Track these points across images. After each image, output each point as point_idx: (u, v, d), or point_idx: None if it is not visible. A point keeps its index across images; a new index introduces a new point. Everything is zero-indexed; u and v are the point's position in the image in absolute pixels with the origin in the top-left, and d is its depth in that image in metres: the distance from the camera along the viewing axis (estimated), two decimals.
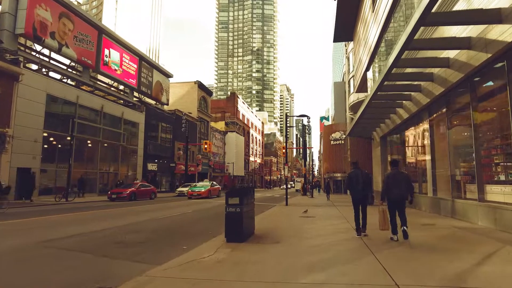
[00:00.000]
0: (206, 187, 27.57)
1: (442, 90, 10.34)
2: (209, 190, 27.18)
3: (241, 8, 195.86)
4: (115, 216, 12.70)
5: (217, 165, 57.58)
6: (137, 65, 34.68)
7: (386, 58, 16.86)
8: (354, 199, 7.39)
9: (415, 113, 13.57)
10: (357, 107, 37.65)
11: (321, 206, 17.80)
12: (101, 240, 7.53)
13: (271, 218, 11.27)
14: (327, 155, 46.42)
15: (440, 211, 11.26)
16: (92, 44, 27.57)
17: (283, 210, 15.23)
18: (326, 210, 14.95)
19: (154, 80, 38.17)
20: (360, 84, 29.80)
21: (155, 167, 36.59)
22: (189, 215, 13.20)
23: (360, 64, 27.93)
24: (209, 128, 53.97)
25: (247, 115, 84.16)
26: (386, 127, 18.78)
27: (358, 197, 7.33)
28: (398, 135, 18.11)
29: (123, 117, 30.99)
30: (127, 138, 31.76)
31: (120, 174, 30.75)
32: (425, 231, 7.85)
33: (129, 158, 32.73)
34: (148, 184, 25.65)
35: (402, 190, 6.51)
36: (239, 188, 8.20)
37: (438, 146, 12.06)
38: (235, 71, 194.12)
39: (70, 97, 24.73)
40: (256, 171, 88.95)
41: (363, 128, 22.33)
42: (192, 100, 49.11)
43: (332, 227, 8.98)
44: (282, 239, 6.94)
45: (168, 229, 9.42)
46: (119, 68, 31.44)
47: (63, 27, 24.35)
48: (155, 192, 25.61)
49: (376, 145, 22.63)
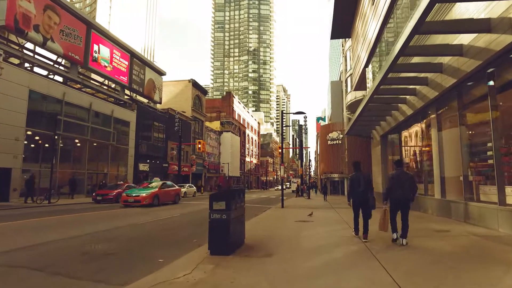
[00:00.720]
0: (151, 189, 18.72)
1: (454, 82, 9.37)
2: (154, 195, 17.93)
3: (237, 8, 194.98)
4: (94, 220, 11.59)
5: (212, 166, 56.46)
6: (129, 62, 33.52)
7: (386, 52, 15.93)
8: (354, 202, 7.17)
9: (420, 109, 12.61)
10: (355, 106, 36.85)
11: (319, 208, 16.79)
12: (64, 251, 6.43)
13: (265, 223, 10.24)
14: (324, 155, 45.48)
15: (450, 214, 10.28)
16: (80, 39, 26.39)
17: (278, 213, 14.20)
18: (325, 213, 13.94)
19: (146, 77, 37.00)
20: (358, 82, 28.93)
21: (147, 168, 35.43)
22: (176, 219, 12.11)
23: (358, 61, 27.04)
24: (204, 128, 52.85)
25: (243, 115, 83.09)
26: (387, 125, 17.82)
27: (359, 201, 7.08)
28: (400, 133, 17.16)
29: (113, 115, 29.80)
30: (118, 137, 30.58)
31: (110, 175, 29.57)
32: (441, 240, 6.84)
33: (119, 158, 31.55)
34: (134, 185, 24.30)
35: (406, 191, 6.28)
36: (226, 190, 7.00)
37: (447, 143, 11.09)
38: (231, 71, 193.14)
39: (56, 93, 23.53)
40: (252, 171, 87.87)
41: (363, 127, 21.39)
42: (186, 99, 47.95)
43: (333, 234, 7.95)
44: (276, 251, 5.90)
45: (148, 236, 8.35)
46: (109, 64, 30.26)
47: (48, 20, 23.16)
48: None
49: (375, 144, 21.69)
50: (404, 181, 6.34)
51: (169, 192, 20.14)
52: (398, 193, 6.30)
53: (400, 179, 6.35)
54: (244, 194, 6.88)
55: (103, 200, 19.99)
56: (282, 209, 16.10)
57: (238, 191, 6.47)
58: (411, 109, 13.42)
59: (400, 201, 6.32)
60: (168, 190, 20.08)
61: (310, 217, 11.95)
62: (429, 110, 12.25)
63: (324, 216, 12.19)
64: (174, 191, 20.82)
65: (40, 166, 22.09)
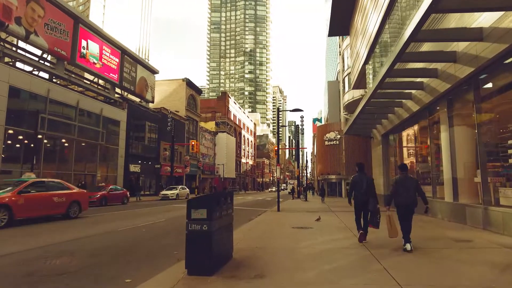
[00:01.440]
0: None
1: (470, 72, 8.34)
2: None
3: (234, 8, 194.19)
4: (61, 228, 10.40)
5: (206, 167, 55.24)
6: (119, 59, 32.30)
7: (390, 44, 14.92)
8: (356, 204, 7.07)
9: (428, 104, 11.58)
10: (352, 106, 35.91)
11: (317, 212, 15.70)
12: (6, 269, 5.27)
13: (259, 230, 9.12)
14: (321, 156, 44.45)
15: (465, 220, 9.22)
16: (67, 33, 25.16)
17: (274, 217, 13.09)
18: (325, 218, 12.85)
19: (138, 76, 35.78)
20: (357, 79, 27.98)
21: (138, 169, 34.17)
22: (159, 225, 10.94)
23: (357, 58, 26.10)
24: (199, 128, 51.66)
25: (238, 116, 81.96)
26: (389, 123, 16.79)
27: (360, 203, 6.99)
28: (403, 131, 16.13)
29: (102, 114, 28.54)
30: (107, 137, 29.32)
31: (98, 176, 28.31)
32: (467, 253, 5.76)
33: (109, 158, 30.29)
34: (120, 187, 22.96)
35: (410, 196, 6.13)
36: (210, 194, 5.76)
37: (460, 141, 10.05)
38: (227, 72, 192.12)
39: (39, 90, 22.26)
40: (248, 173, 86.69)
41: (363, 125, 20.38)
42: (179, 98, 46.75)
43: (338, 246, 6.85)
44: (269, 270, 4.78)
45: (121, 247, 7.19)
46: (98, 61, 29.03)
47: (31, 13, 21.93)
48: (127, 196, 22.54)
49: (376, 144, 20.67)
50: (409, 186, 6.17)
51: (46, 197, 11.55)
52: (402, 198, 6.14)
53: (405, 184, 6.18)
54: (232, 198, 5.77)
55: None
56: (278, 213, 14.99)
57: (224, 195, 5.36)
58: (418, 104, 12.39)
59: (404, 206, 6.14)
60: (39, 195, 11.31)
61: (314, 222, 10.86)
62: (439, 105, 11.21)
63: (325, 222, 11.10)
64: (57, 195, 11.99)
65: (22, 167, 20.81)
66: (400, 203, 6.16)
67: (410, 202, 6.11)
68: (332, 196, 38.68)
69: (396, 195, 6.22)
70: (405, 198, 6.10)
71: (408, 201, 6.10)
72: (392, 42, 14.51)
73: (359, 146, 39.46)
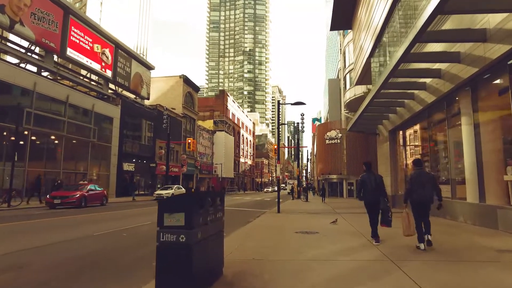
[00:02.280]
0: None
1: (504, 52, 7.12)
2: None
3: (233, 7, 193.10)
4: (31, 231, 9.14)
5: (204, 166, 53.96)
6: (113, 54, 31.03)
7: (400, 33, 13.70)
8: (367, 204, 6.88)
9: (446, 94, 10.35)
10: (354, 104, 34.77)
11: (321, 213, 14.47)
12: None
13: (257, 236, 7.87)
14: (322, 155, 43.24)
15: (496, 224, 7.99)
16: (56, 24, 23.88)
17: (274, 220, 11.85)
18: (329, 219, 11.62)
19: (133, 71, 34.52)
20: (360, 75, 26.79)
21: (133, 167, 32.89)
22: (143, 229, 9.64)
23: (361, 52, 24.94)
24: (196, 127, 50.37)
25: (237, 115, 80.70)
26: (399, 118, 15.56)
27: (371, 202, 6.75)
28: (415, 126, 14.89)
29: (94, 110, 27.27)
30: (99, 134, 28.03)
31: (90, 174, 27.03)
32: None
33: (102, 156, 29.00)
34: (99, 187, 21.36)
35: (427, 192, 5.89)
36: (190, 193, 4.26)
37: (487, 135, 8.82)
38: (226, 71, 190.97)
39: (25, 83, 21.01)
40: (246, 172, 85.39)
41: (368, 121, 19.15)
42: (176, 96, 45.46)
43: (354, 255, 5.62)
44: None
45: (90, 257, 5.94)
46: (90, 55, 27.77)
47: (17, 1, 20.65)
48: (106, 196, 20.61)
49: (382, 141, 19.44)
50: (425, 182, 5.92)
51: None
52: (418, 194, 5.89)
53: (420, 180, 5.95)
54: (223, 199, 4.53)
55: (63, 204, 16.40)
56: (279, 215, 13.75)
57: (210, 195, 4.12)
58: (433, 95, 11.16)
59: (421, 202, 5.91)
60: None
61: (319, 225, 9.62)
62: (460, 94, 9.98)
63: (330, 225, 9.87)
64: None
65: (4, 165, 19.54)
66: (416, 200, 5.91)
67: (426, 199, 5.86)
68: (333, 197, 37.47)
69: (412, 191, 5.96)
70: (421, 195, 5.86)
71: (424, 197, 5.85)
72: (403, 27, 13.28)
73: (361, 145, 38.26)
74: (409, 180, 6.17)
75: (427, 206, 5.92)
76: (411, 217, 5.97)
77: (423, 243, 5.74)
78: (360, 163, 40.17)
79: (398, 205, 15.79)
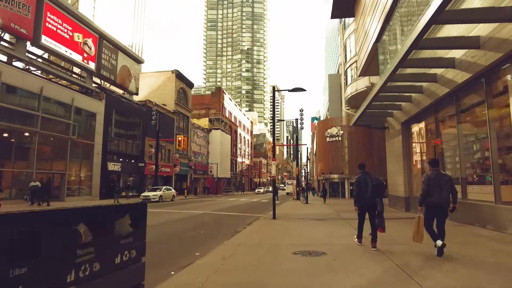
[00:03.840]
0: None
1: None
2: None
3: (230, 6, 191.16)
4: None
5: (199, 166, 51.56)
6: (96, 45, 28.64)
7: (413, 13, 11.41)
8: (361, 207, 6.44)
9: (487, 68, 8.06)
10: (356, 99, 32.48)
11: (323, 219, 12.15)
12: None
13: (237, 263, 5.50)
14: (322, 154, 40.92)
15: None
16: (28, 8, 21.48)
17: (267, 230, 9.52)
18: (336, 229, 9.30)
19: (119, 64, 32.11)
20: (364, 65, 24.56)
21: (119, 167, 30.49)
22: None
23: (366, 39, 22.69)
24: (190, 125, 47.98)
25: (234, 113, 78.33)
26: (414, 106, 13.27)
27: (367, 205, 6.36)
28: (437, 115, 12.58)
29: (73, 104, 24.87)
30: (80, 131, 25.63)
31: (68, 175, 24.64)
32: None
33: (83, 155, 26.62)
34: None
35: (444, 196, 5.49)
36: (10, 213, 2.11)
37: None
38: (224, 70, 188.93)
39: None
40: (244, 172, 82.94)
41: (377, 111, 16.88)
42: (168, 92, 43.08)
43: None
44: None
45: None
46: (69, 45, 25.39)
47: None
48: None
49: (393, 135, 17.11)
50: (442, 184, 5.54)
51: None
52: (435, 198, 5.52)
53: (438, 182, 5.56)
54: (145, 216, 2.18)
55: None
56: (274, 222, 11.43)
57: (89, 211, 1.78)
58: (468, 72, 8.85)
59: (438, 206, 5.53)
60: None
61: (325, 239, 7.28)
62: (505, 72, 7.68)
63: (339, 239, 7.54)
64: None
65: None
66: (433, 203, 5.58)
67: (443, 202, 5.52)
68: (334, 197, 35.20)
69: (428, 194, 5.61)
70: (438, 198, 5.52)
71: (441, 201, 5.52)
72: None
73: (364, 142, 36.00)
74: (425, 182, 5.69)
75: (445, 211, 5.52)
76: (422, 224, 5.55)
77: (439, 240, 5.33)
78: (363, 161, 37.98)
79: (414, 209, 13.48)
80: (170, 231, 9.89)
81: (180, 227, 10.93)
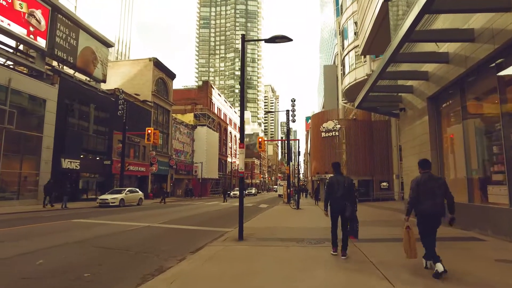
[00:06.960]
0: None
1: None
2: None
3: (224, 3, 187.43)
4: None
5: (182, 166, 46.83)
6: (48, 18, 23.90)
7: None
8: (332, 210, 5.92)
9: None
10: (354, 90, 27.98)
11: (318, 243, 7.65)
12: None
13: None
14: (317, 151, 36.47)
15: None
16: None
17: (206, 279, 4.98)
18: (352, 280, 4.82)
19: (81, 45, 27.37)
20: (367, 43, 20.50)
21: (77, 165, 25.68)
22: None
23: (368, 10, 18.55)
24: (171, 120, 43.29)
25: (224, 110, 73.78)
26: (446, 74, 8.82)
27: (338, 208, 5.78)
28: (485, 82, 8.09)
29: (10, 86, 20.12)
30: (22, 120, 20.88)
31: (3, 173, 19.89)
32: None
33: (26, 150, 21.86)
34: None
35: (437, 202, 4.65)
36: None
37: None
38: (217, 69, 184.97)
39: None
40: (234, 173, 78.30)
41: (389, 88, 12.41)
42: (145, 82, 38.35)
43: None
44: None
45: None
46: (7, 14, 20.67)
47: None
48: None
49: (413, 118, 12.58)
50: (435, 188, 4.66)
51: None
52: (427, 205, 4.66)
53: (430, 186, 4.67)
54: None
55: None
56: (235, 249, 6.87)
57: None
58: None
59: (430, 215, 4.68)
60: None
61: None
62: None
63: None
64: None
65: None
66: (424, 211, 4.69)
67: (437, 211, 4.63)
68: None
69: (418, 201, 4.72)
70: (431, 206, 4.63)
71: (434, 209, 4.63)
72: None
73: (364, 137, 31.62)
74: (414, 187, 4.74)
75: (439, 220, 4.68)
76: (413, 235, 4.69)
77: (439, 262, 4.32)
78: (363, 159, 33.27)
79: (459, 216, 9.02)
80: (31, 271, 5.31)
81: (63, 260, 6.29)
